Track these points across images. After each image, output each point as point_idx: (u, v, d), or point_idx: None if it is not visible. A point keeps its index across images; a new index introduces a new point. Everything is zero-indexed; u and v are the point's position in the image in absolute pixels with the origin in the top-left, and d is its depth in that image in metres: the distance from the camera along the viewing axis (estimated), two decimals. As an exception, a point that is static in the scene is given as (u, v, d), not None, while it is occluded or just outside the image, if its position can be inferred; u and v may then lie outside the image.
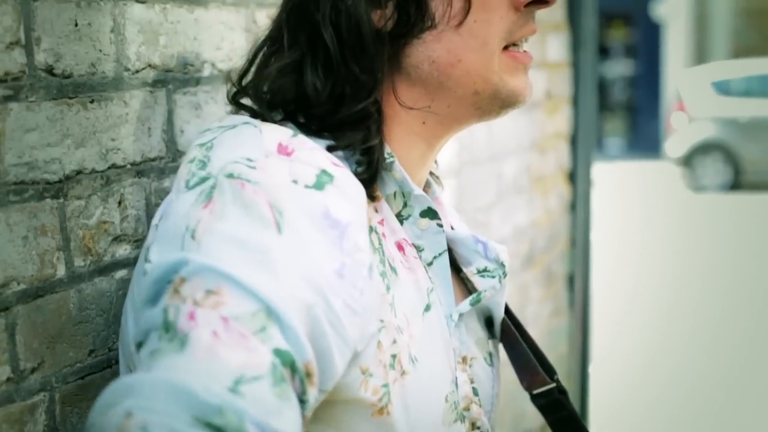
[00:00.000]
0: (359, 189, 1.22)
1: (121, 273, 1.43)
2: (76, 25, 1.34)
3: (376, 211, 1.30)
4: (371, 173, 1.27)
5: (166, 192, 1.49)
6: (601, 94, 22.06)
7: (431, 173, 1.49)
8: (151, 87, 1.49)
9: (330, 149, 1.25)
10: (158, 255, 1.15)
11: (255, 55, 1.35)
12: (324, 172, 1.18)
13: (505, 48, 1.32)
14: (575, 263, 4.54)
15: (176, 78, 1.55)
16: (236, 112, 1.35)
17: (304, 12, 1.29)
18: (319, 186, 1.16)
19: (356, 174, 1.25)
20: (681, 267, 11.01)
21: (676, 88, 19.34)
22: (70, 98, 1.33)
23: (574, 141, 4.51)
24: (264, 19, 1.74)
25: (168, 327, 1.03)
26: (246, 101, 1.34)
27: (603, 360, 6.38)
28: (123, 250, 1.43)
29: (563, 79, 4.30)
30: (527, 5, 1.31)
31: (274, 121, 1.28)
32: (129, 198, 1.45)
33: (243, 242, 1.08)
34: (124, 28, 1.43)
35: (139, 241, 1.46)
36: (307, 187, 1.15)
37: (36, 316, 1.28)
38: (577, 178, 4.52)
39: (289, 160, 1.18)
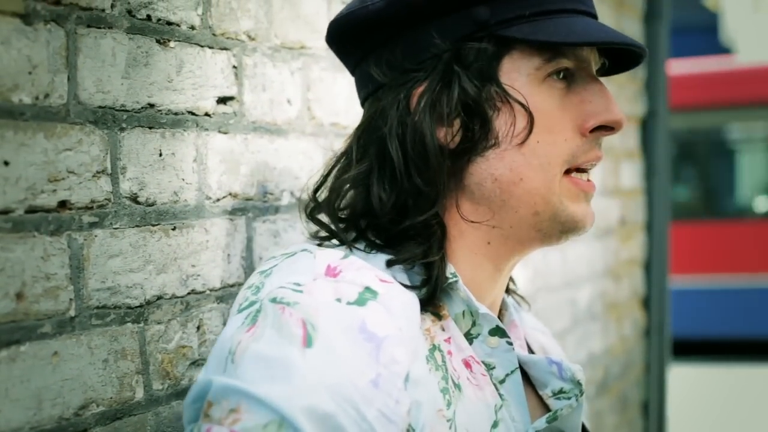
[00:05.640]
0: (408, 304, 1.24)
1: (197, 397, 1.44)
2: (161, 154, 1.39)
3: (443, 329, 1.32)
4: (430, 290, 1.29)
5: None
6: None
7: (514, 293, 1.53)
8: (231, 215, 1.53)
9: (390, 263, 1.29)
10: (201, 375, 1.19)
11: (330, 171, 1.39)
12: (368, 289, 1.22)
13: (568, 172, 1.34)
14: (650, 390, 4.48)
15: (256, 206, 1.59)
16: (315, 232, 1.39)
17: (373, 127, 1.34)
18: (360, 302, 1.20)
19: (416, 290, 1.28)
20: (759, 397, 10.76)
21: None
22: (153, 225, 1.37)
23: (648, 267, 4.48)
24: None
25: None
26: (322, 217, 1.38)
27: (680, 490, 6.22)
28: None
29: (637, 206, 4.30)
30: (592, 131, 1.33)
31: (344, 242, 1.33)
32: (207, 323, 1.47)
33: (268, 359, 1.12)
34: (206, 157, 1.47)
35: (215, 366, 1.47)
36: (348, 303, 1.19)
37: (114, 439, 1.30)
38: (651, 304, 4.49)
39: (334, 281, 1.22)
